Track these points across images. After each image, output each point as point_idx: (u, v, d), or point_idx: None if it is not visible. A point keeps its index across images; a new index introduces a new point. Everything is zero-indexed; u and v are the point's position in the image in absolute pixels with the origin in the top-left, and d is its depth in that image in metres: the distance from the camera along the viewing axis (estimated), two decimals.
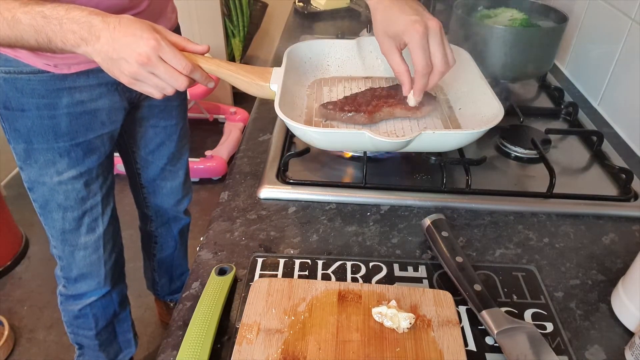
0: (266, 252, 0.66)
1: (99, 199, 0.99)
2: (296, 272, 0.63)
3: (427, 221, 0.67)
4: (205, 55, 0.68)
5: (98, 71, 0.81)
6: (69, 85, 0.85)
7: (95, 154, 0.94)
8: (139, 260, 1.49)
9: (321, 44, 0.95)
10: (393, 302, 0.55)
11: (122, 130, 1.01)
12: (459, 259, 0.61)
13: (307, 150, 0.82)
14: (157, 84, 0.64)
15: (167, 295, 1.55)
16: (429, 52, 0.70)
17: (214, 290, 0.57)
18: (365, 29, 1.33)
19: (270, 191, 0.76)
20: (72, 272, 1.06)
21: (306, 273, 0.63)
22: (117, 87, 0.91)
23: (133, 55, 0.61)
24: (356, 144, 0.75)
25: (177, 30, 1.07)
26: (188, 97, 1.25)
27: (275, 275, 0.62)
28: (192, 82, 0.66)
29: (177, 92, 0.67)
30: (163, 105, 1.08)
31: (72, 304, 1.12)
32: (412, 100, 0.79)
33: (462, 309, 0.58)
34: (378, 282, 0.62)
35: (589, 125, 0.97)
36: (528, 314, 0.58)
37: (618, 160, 0.85)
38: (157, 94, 0.66)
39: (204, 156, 2.26)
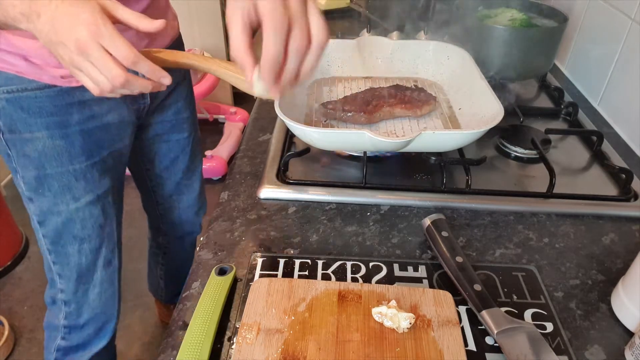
0: (266, 252, 0.66)
1: (114, 226, 0.94)
2: (296, 272, 0.63)
3: (427, 221, 0.67)
4: (203, 53, 0.67)
5: None
6: (78, 99, 0.80)
7: (110, 174, 0.90)
8: (139, 261, 1.49)
9: None
10: (393, 302, 0.55)
11: (134, 149, 0.96)
12: (459, 259, 0.61)
13: (307, 150, 0.82)
14: (91, 74, 0.55)
15: (171, 300, 1.53)
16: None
17: (214, 290, 0.58)
18: (365, 29, 1.33)
19: (270, 191, 0.76)
20: (81, 317, 0.97)
21: (306, 273, 0.63)
22: (124, 99, 0.87)
23: (71, 41, 0.53)
24: (356, 144, 0.75)
25: (179, 39, 0.99)
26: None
27: (275, 275, 0.62)
28: (136, 77, 0.56)
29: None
30: (174, 119, 1.02)
31: (76, 358, 1.02)
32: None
33: (462, 309, 0.58)
34: (378, 282, 0.62)
35: (589, 125, 0.97)
36: (528, 314, 0.58)
37: (618, 161, 0.85)
38: (94, 89, 0.57)
39: (204, 156, 2.26)
